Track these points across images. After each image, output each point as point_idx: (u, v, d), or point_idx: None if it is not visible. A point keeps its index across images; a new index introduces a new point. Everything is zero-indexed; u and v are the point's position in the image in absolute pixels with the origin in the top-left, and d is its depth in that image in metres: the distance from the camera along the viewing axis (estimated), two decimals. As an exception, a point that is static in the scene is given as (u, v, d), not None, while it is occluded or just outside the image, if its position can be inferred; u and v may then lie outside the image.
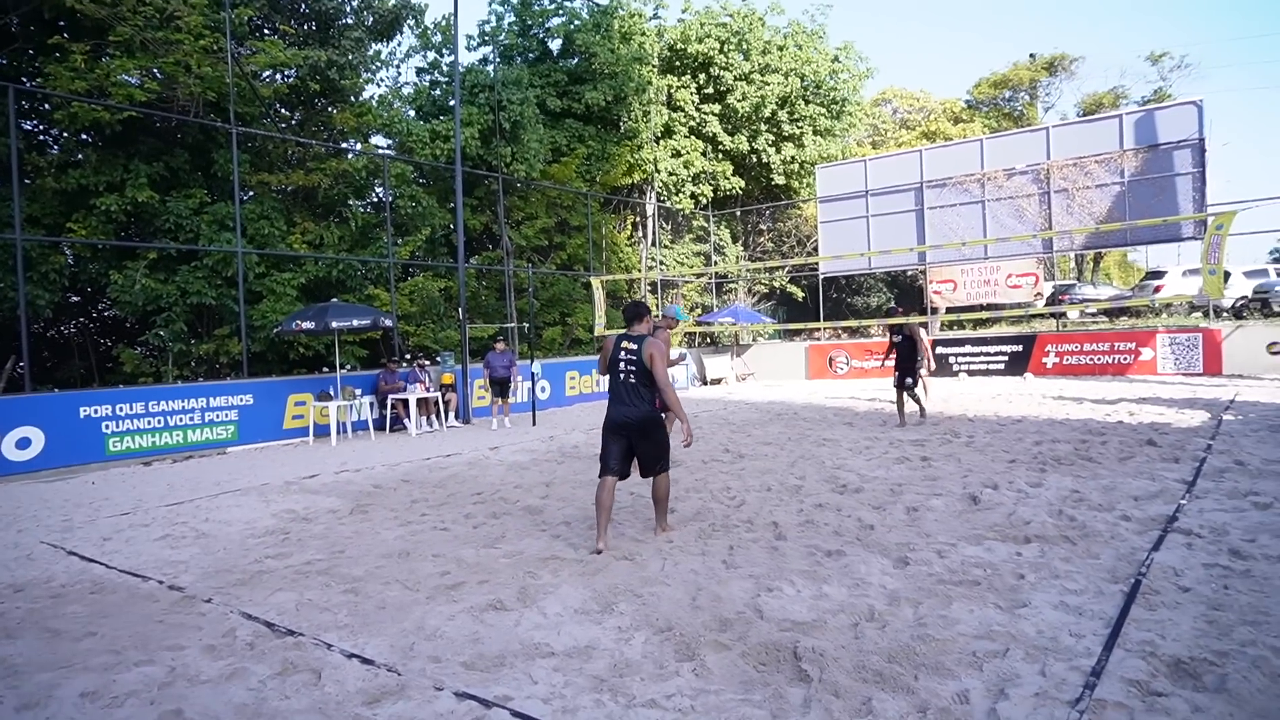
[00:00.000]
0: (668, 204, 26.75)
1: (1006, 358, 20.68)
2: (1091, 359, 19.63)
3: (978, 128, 38.79)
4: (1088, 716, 3.05)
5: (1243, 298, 21.47)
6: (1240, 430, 9.79)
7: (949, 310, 22.18)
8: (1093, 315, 24.68)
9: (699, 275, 27.61)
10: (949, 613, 4.14)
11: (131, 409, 11.96)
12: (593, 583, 4.94)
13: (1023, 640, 3.75)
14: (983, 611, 4.14)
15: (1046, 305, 22.95)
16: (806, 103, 27.90)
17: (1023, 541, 5.41)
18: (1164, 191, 18.65)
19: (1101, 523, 5.78)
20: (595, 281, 20.48)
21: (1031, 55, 43.67)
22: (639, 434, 5.75)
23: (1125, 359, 19.20)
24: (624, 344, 5.76)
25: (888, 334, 13.10)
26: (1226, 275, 18.58)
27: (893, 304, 21.73)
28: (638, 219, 27.36)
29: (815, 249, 26.21)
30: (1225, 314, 21.25)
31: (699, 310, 27.79)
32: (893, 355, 12.05)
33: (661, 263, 26.57)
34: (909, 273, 28.76)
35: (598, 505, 5.74)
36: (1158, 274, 24.85)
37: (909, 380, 11.83)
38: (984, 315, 21.61)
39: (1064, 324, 23.65)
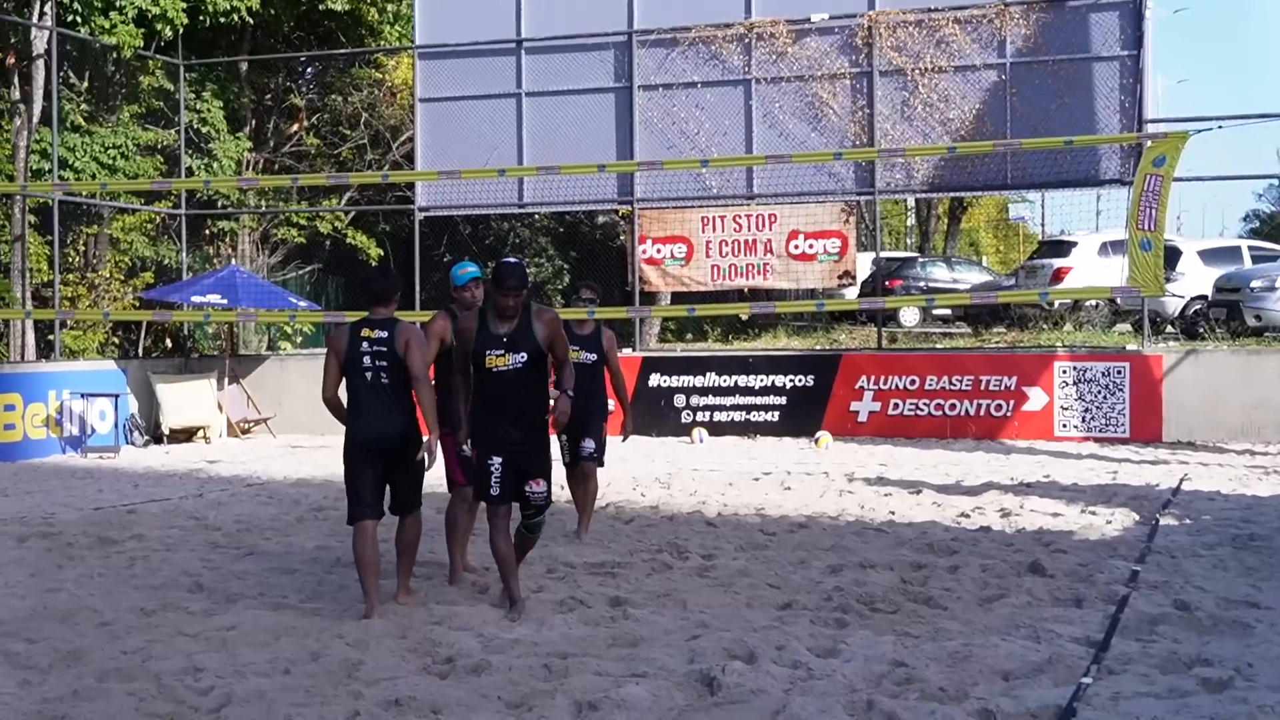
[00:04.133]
0: (83, 34, 13.72)
1: (785, 400, 12.71)
2: (939, 407, 12.32)
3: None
4: None
5: (1199, 298, 14.29)
6: (1187, 545, 6.67)
7: (675, 299, 14.14)
8: (945, 320, 17.75)
9: (150, 195, 14.44)
10: None
11: None
12: None
13: None
14: None
15: (862, 297, 15.28)
16: None
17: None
18: (1073, 89, 11.85)
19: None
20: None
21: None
22: (397, 454, 4.37)
23: (999, 407, 12.19)
24: (363, 332, 4.41)
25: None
26: (1172, 255, 11.19)
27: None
28: (14, 66, 13.97)
29: (408, 158, 15.50)
30: (1170, 326, 14.37)
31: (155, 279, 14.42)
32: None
33: (70, 165, 13.81)
34: (600, 218, 19.52)
35: (360, 564, 4.33)
36: (1060, 245, 16.81)
37: (586, 444, 6.11)
38: (744, 309, 13.41)
39: (893, 336, 15.95)
